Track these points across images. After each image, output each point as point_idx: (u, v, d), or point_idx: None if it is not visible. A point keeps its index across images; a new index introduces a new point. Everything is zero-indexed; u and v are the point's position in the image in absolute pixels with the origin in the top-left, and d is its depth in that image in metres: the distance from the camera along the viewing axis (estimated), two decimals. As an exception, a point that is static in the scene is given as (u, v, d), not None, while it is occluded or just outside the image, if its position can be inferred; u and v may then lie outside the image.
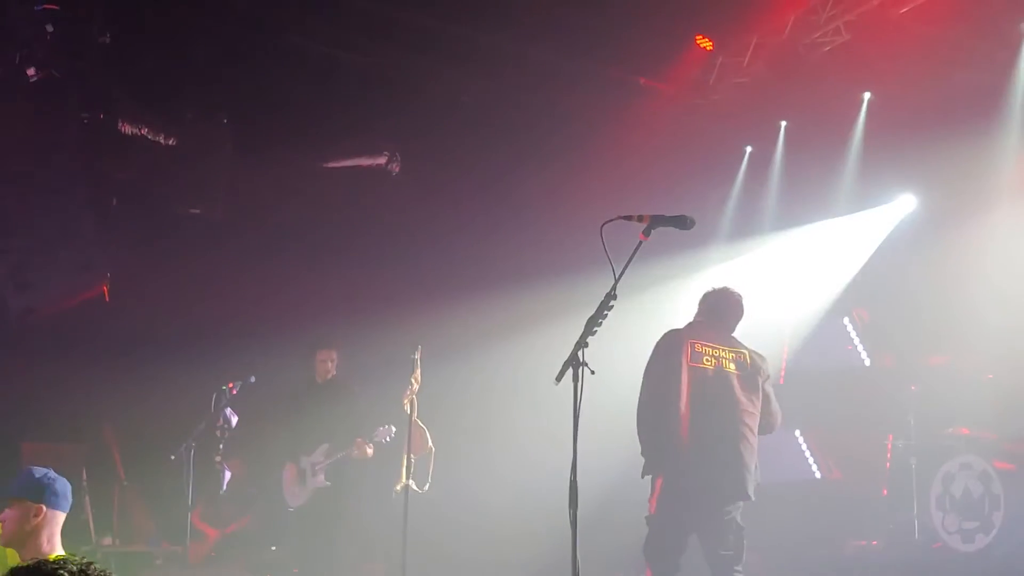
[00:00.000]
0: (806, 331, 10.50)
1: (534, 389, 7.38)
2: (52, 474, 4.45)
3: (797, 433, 10.56)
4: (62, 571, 2.18)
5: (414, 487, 7.11)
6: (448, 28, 9.46)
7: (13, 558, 4.35)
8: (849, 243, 10.36)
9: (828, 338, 10.42)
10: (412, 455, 7.18)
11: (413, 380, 7.23)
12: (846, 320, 10.46)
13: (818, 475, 10.45)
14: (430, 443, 7.36)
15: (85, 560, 2.27)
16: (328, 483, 8.34)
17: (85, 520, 8.69)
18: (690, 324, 6.73)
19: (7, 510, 4.35)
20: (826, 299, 10.41)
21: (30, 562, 2.33)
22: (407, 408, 7.27)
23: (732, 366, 6.49)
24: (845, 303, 10.33)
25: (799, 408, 10.42)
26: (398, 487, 7.18)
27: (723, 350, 6.54)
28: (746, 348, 6.61)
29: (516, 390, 9.42)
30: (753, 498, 6.44)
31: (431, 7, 9.27)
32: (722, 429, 6.40)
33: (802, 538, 9.35)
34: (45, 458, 8.90)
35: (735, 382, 6.44)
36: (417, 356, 7.28)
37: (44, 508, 4.32)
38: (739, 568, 6.45)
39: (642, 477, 6.53)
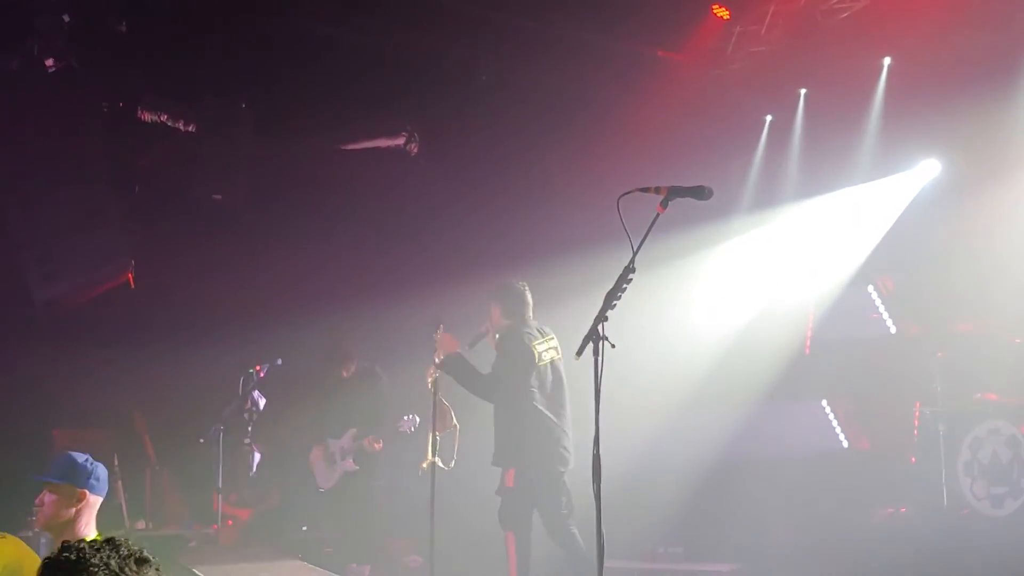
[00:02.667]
0: (830, 300, 10.44)
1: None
2: (92, 460, 4.51)
3: (824, 403, 10.53)
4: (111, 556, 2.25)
5: (440, 464, 7.14)
6: (463, 6, 9.44)
7: (24, 553, 4.38)
8: (872, 210, 10.27)
9: (853, 307, 10.35)
10: (437, 433, 7.20)
11: (436, 359, 7.24)
12: (871, 288, 10.39)
13: (845, 444, 10.41)
14: (454, 420, 7.38)
15: (126, 540, 2.34)
16: (357, 467, 8.45)
17: (118, 505, 8.79)
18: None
19: (47, 494, 4.40)
20: (850, 268, 10.33)
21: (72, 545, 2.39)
22: (430, 386, 7.28)
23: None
24: (869, 271, 10.25)
25: (825, 378, 10.42)
26: (424, 464, 7.22)
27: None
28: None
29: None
30: None
31: (446, -15, 9.27)
32: None
33: (830, 507, 9.34)
34: (76, 444, 9.02)
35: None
36: (438, 335, 7.28)
37: (87, 493, 4.38)
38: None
39: None
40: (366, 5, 9.44)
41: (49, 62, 8.90)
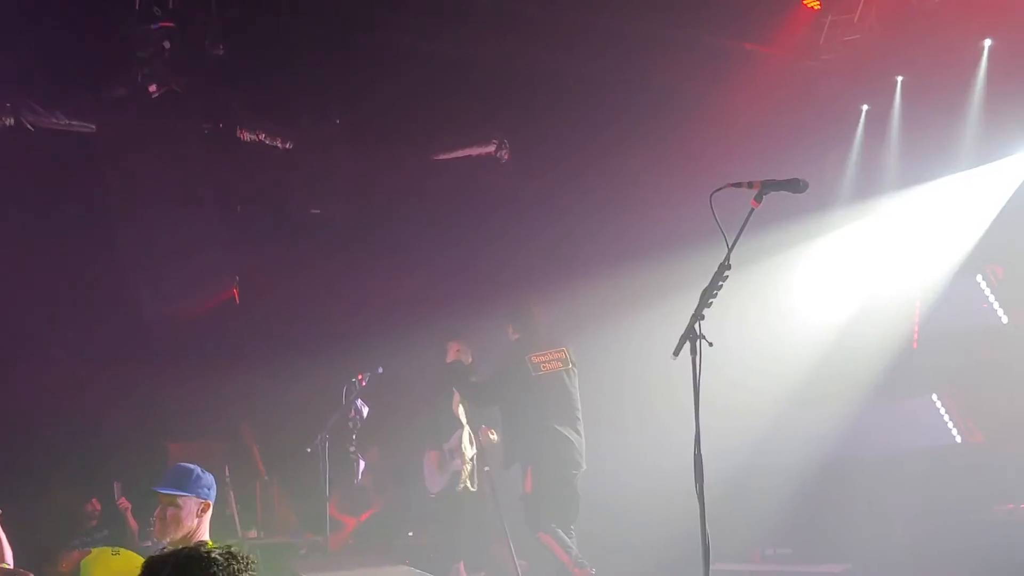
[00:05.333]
0: (937, 292, 10.15)
1: (653, 366, 7.36)
2: (203, 469, 4.64)
3: (934, 397, 10.23)
4: (214, 554, 2.31)
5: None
6: (546, 11, 9.46)
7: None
8: (977, 197, 9.96)
9: (961, 297, 10.04)
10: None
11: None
12: (979, 278, 10.06)
13: (958, 439, 10.10)
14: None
15: (227, 545, 2.40)
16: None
17: (230, 515, 9.05)
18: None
19: (170, 507, 4.46)
20: (956, 257, 10.02)
21: (188, 548, 2.47)
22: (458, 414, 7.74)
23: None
24: (977, 260, 9.93)
25: (934, 372, 10.13)
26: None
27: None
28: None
29: (635, 367, 9.40)
30: None
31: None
32: None
33: (945, 505, 9.08)
34: (190, 456, 9.32)
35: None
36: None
37: (209, 504, 4.53)
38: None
39: None
40: (452, 16, 9.53)
41: (152, 88, 9.21)
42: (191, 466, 4.61)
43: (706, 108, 9.90)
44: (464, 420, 8.39)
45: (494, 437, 8.35)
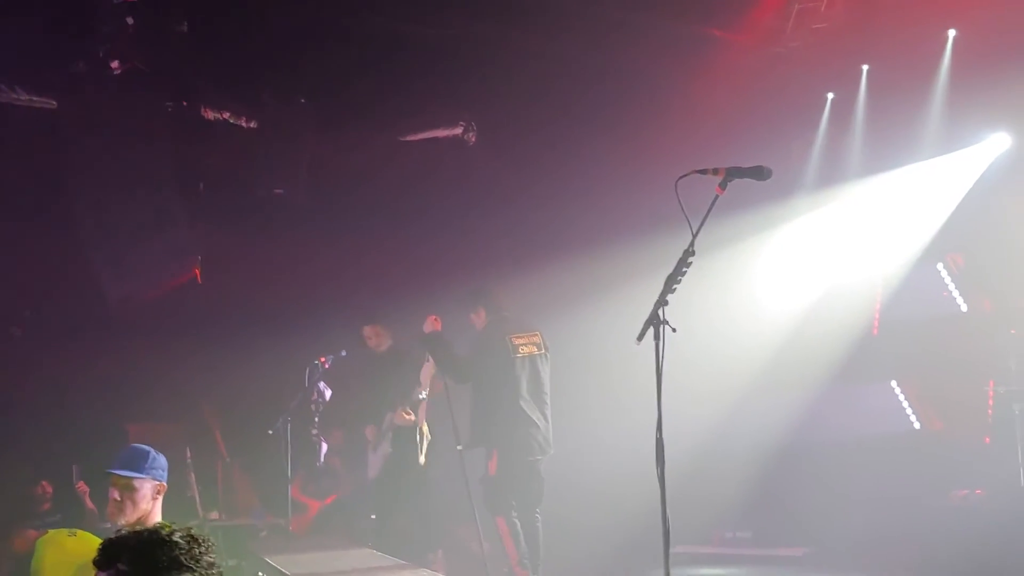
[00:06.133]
0: (898, 280, 10.26)
1: (616, 350, 7.39)
2: (158, 451, 4.58)
3: (894, 384, 10.36)
4: (170, 535, 2.28)
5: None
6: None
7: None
8: (939, 186, 10.06)
9: (922, 285, 10.15)
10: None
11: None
12: (940, 266, 10.18)
13: (917, 426, 10.24)
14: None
15: (186, 526, 2.37)
16: (391, 450, 8.49)
17: (192, 497, 8.98)
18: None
19: (124, 489, 4.39)
20: (918, 245, 10.13)
21: (142, 528, 2.42)
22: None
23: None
24: (938, 248, 10.04)
25: (894, 359, 10.25)
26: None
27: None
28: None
29: (597, 351, 9.43)
30: None
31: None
32: None
33: (903, 490, 9.20)
34: (150, 438, 9.25)
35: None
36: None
37: (165, 486, 4.48)
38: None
39: None
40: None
41: (114, 64, 9.09)
42: (145, 447, 4.55)
43: (673, 93, 9.92)
44: (424, 396, 8.20)
45: (410, 418, 8.26)
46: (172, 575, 2.23)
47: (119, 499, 4.39)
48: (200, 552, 2.28)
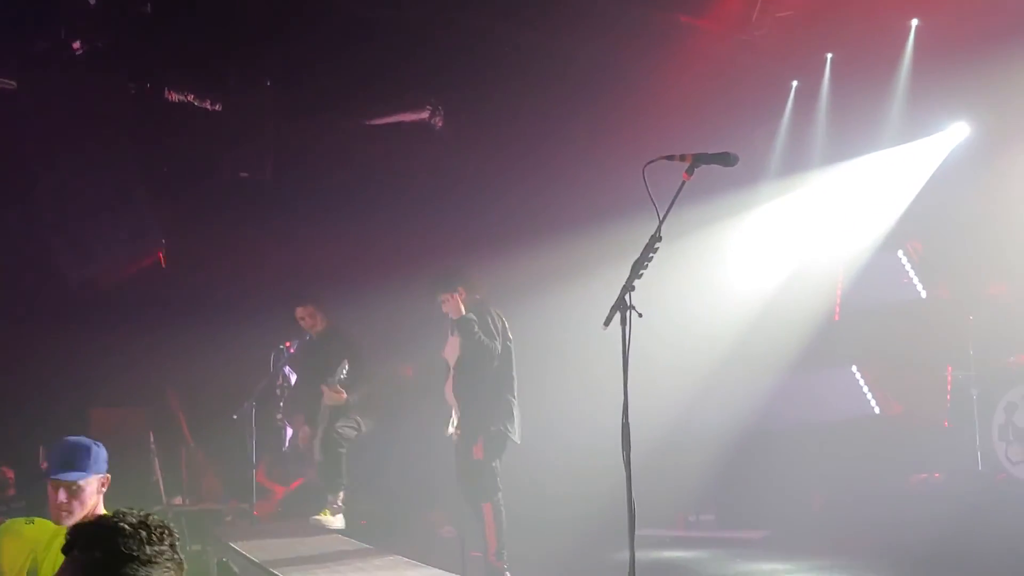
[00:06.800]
0: (859, 266, 10.38)
1: (583, 335, 7.42)
2: (95, 441, 4.39)
3: (854, 369, 10.49)
4: (123, 523, 2.25)
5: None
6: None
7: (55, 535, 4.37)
8: (901, 175, 10.18)
9: (883, 272, 10.29)
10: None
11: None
12: (900, 253, 10.32)
13: (877, 410, 10.38)
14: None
15: (144, 513, 2.33)
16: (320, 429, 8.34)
17: (156, 482, 8.93)
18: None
19: (72, 492, 4.23)
20: (879, 233, 10.26)
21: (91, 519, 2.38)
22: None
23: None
24: (899, 236, 10.18)
25: (855, 344, 10.38)
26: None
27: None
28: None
29: (564, 337, 9.47)
30: None
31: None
32: None
33: (864, 473, 9.32)
34: (113, 423, 9.21)
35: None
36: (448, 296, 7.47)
37: (109, 476, 4.32)
38: None
39: None
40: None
41: (76, 44, 8.97)
42: (85, 441, 4.34)
43: (639, 79, 9.95)
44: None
45: (340, 396, 8.13)
46: (132, 565, 2.21)
47: (66, 501, 4.21)
48: (150, 538, 2.25)
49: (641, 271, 4.44)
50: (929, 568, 7.42)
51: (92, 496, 4.25)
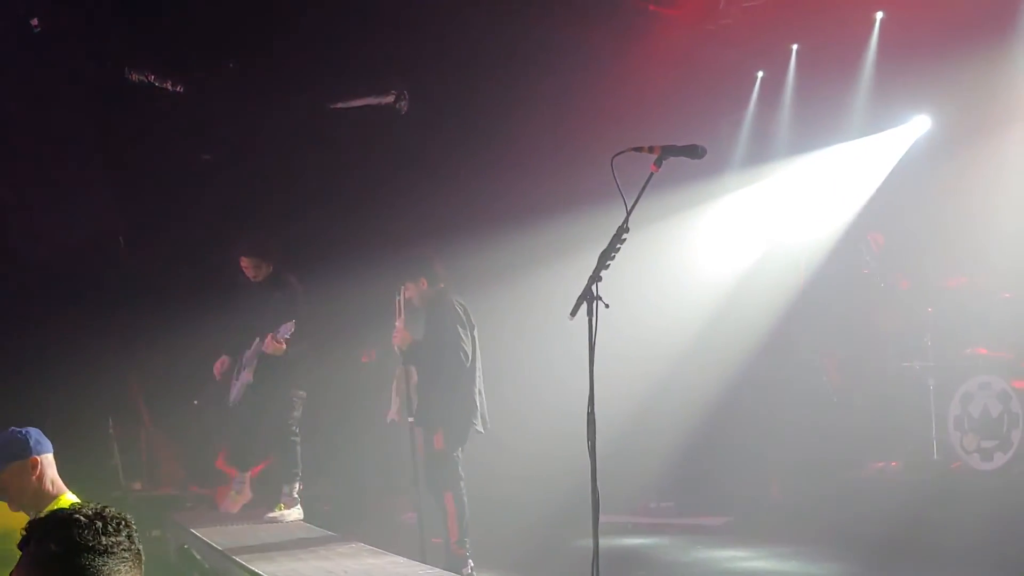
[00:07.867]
0: (822, 257, 10.48)
1: (549, 325, 7.43)
2: (15, 428, 4.27)
3: (815, 358, 10.57)
4: (77, 515, 2.22)
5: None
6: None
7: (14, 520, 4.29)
8: (863, 167, 10.28)
9: (844, 263, 10.39)
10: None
11: (397, 323, 7.33)
12: (862, 245, 10.41)
13: (836, 399, 10.49)
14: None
15: (100, 504, 2.30)
16: (251, 380, 8.19)
17: (115, 466, 8.82)
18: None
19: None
20: (841, 223, 10.36)
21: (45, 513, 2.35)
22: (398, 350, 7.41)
23: None
24: (860, 227, 10.28)
25: (816, 333, 10.47)
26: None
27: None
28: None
29: (530, 326, 9.48)
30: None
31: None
32: None
33: (821, 461, 9.43)
34: (72, 406, 9.07)
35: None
36: (400, 298, 7.37)
37: (38, 458, 4.19)
38: None
39: None
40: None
41: (35, 22, 8.80)
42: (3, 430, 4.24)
43: (607, 66, 9.95)
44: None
45: (280, 347, 7.85)
46: (88, 556, 2.18)
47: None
48: (104, 529, 2.22)
49: (608, 262, 4.45)
50: (885, 553, 7.54)
51: (26, 482, 4.14)
